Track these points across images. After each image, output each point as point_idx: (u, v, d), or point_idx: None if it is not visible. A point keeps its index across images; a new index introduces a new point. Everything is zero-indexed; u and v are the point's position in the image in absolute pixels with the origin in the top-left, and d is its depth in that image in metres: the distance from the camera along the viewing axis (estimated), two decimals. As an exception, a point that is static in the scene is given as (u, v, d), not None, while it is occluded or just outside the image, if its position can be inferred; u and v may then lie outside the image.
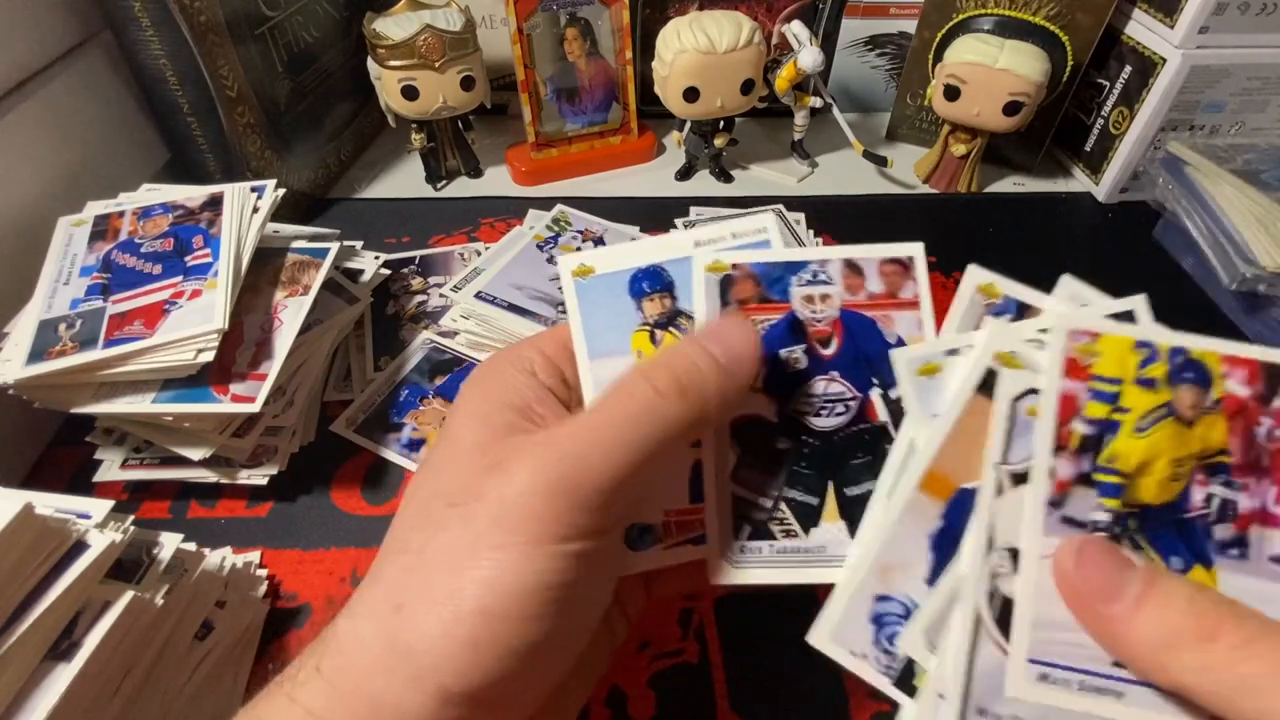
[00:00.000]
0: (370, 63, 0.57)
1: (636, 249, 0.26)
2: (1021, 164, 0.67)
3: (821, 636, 0.21)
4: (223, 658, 0.32)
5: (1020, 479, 0.20)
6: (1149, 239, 0.59)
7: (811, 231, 0.56)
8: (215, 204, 0.42)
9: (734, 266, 0.24)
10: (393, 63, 0.55)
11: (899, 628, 0.21)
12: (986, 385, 0.21)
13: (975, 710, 0.19)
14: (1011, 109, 0.56)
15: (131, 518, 0.29)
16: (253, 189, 0.43)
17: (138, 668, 0.28)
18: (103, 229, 0.41)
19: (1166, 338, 0.20)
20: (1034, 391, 0.20)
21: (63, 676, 0.25)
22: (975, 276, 0.23)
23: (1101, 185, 0.63)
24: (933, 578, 0.21)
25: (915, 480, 0.21)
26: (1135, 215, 0.61)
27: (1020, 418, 0.20)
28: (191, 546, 0.32)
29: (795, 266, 0.24)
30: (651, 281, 0.26)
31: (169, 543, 0.31)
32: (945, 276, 0.55)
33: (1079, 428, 0.20)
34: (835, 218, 0.60)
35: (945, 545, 0.21)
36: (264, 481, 0.39)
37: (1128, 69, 0.58)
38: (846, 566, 0.22)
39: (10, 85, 0.45)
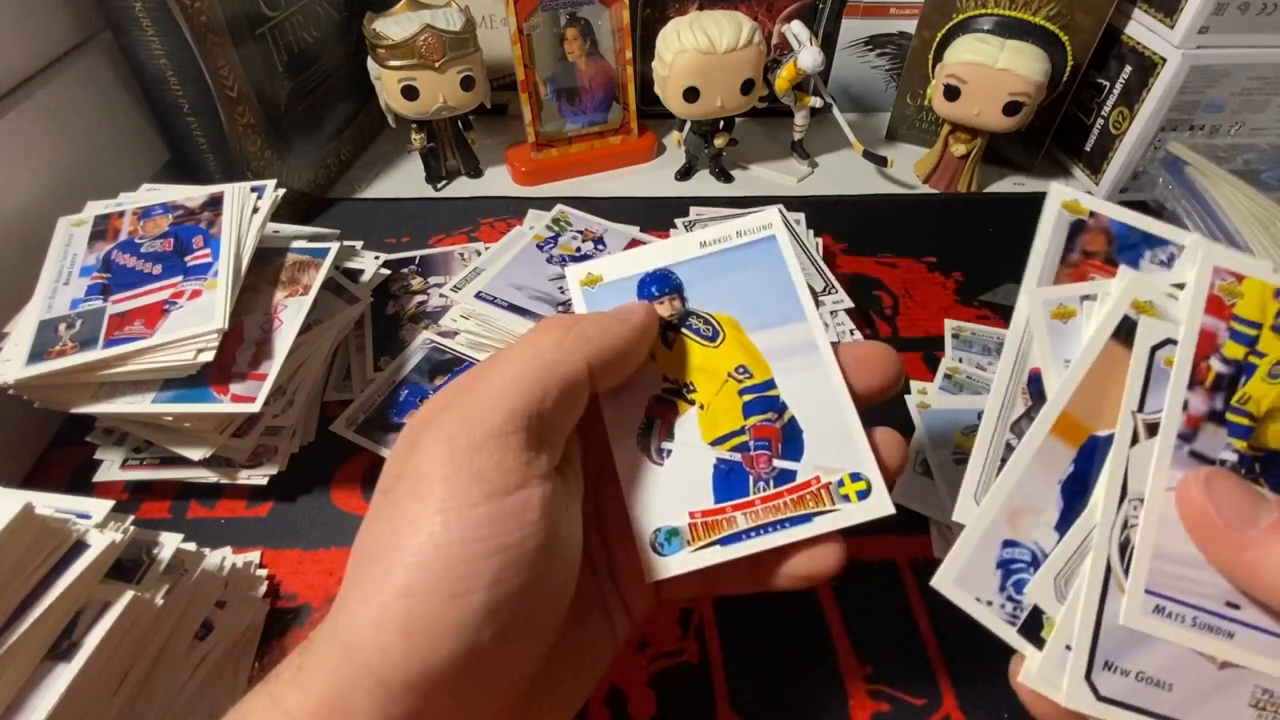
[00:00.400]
0: (370, 63, 0.57)
1: (643, 254, 0.26)
2: (1021, 164, 0.67)
3: (946, 581, 0.21)
4: (223, 658, 0.32)
5: (1155, 429, 0.20)
6: (1149, 239, 0.59)
7: (812, 231, 0.56)
8: (215, 204, 0.42)
9: (1092, 215, 0.23)
10: (393, 63, 0.55)
11: (1026, 575, 0.20)
12: (1123, 333, 0.21)
13: (1103, 664, 0.19)
14: (1011, 109, 0.56)
15: (131, 518, 0.29)
16: (253, 189, 0.43)
17: (138, 668, 0.28)
18: (103, 229, 0.41)
19: None
20: (1172, 342, 0.20)
21: (63, 676, 0.25)
22: (1059, 194, 0.23)
23: (1101, 185, 0.63)
24: (1062, 524, 0.20)
25: (1048, 424, 0.20)
26: (1135, 215, 0.61)
27: (1158, 367, 0.20)
28: (191, 546, 0.32)
29: (1156, 242, 0.22)
30: (660, 284, 0.26)
31: (169, 543, 0.31)
32: (945, 276, 0.55)
33: (1215, 365, 0.20)
34: (835, 218, 0.60)
35: (1076, 492, 0.20)
36: (264, 481, 0.39)
37: (1128, 69, 0.58)
38: (977, 510, 0.21)
39: (10, 85, 0.45)
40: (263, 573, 0.36)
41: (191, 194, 0.43)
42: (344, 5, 0.62)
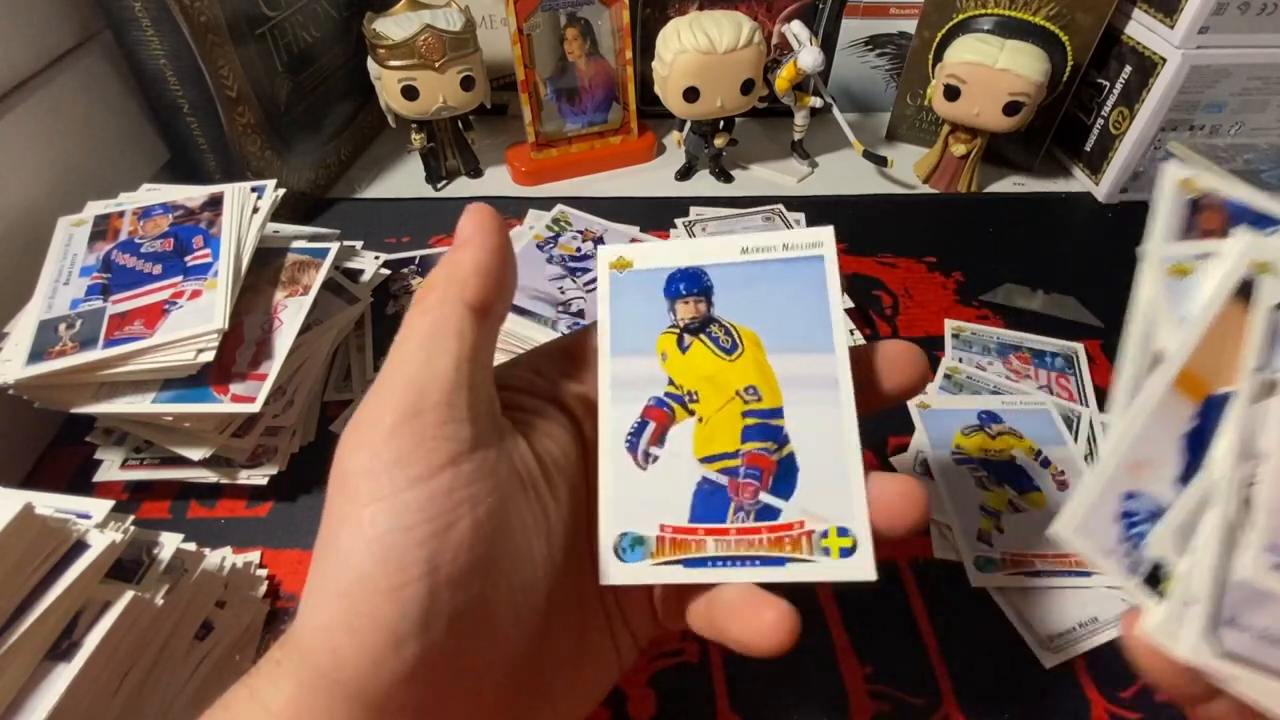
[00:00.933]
0: (370, 63, 0.57)
1: (679, 247, 0.25)
2: (1021, 164, 0.67)
3: (1067, 528, 0.20)
4: (223, 658, 0.32)
5: (1276, 387, 0.20)
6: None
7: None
8: (215, 204, 0.42)
9: (1205, 195, 0.22)
10: (393, 63, 0.55)
11: (1148, 527, 0.20)
12: (1242, 291, 0.20)
13: (1226, 620, 0.19)
14: (1011, 109, 0.56)
15: (131, 518, 0.29)
16: (253, 189, 0.43)
17: (138, 668, 0.28)
18: (103, 229, 0.41)
19: None
20: None
21: (63, 676, 0.25)
22: (1175, 173, 0.22)
23: (1101, 185, 0.63)
24: (1185, 478, 0.20)
25: (1169, 377, 0.20)
26: (1135, 215, 0.61)
27: (1277, 323, 0.20)
28: (191, 546, 0.32)
29: (1269, 222, 0.22)
30: (690, 283, 0.24)
31: (169, 543, 0.31)
32: (945, 276, 0.55)
33: None
34: (835, 218, 0.59)
35: (1198, 447, 0.20)
36: (264, 481, 0.39)
37: (1128, 69, 0.58)
38: (1098, 460, 0.21)
39: (10, 85, 0.45)
40: (263, 573, 0.36)
41: (191, 194, 0.43)
42: (344, 5, 0.62)
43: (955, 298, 0.53)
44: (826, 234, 0.24)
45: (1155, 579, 0.20)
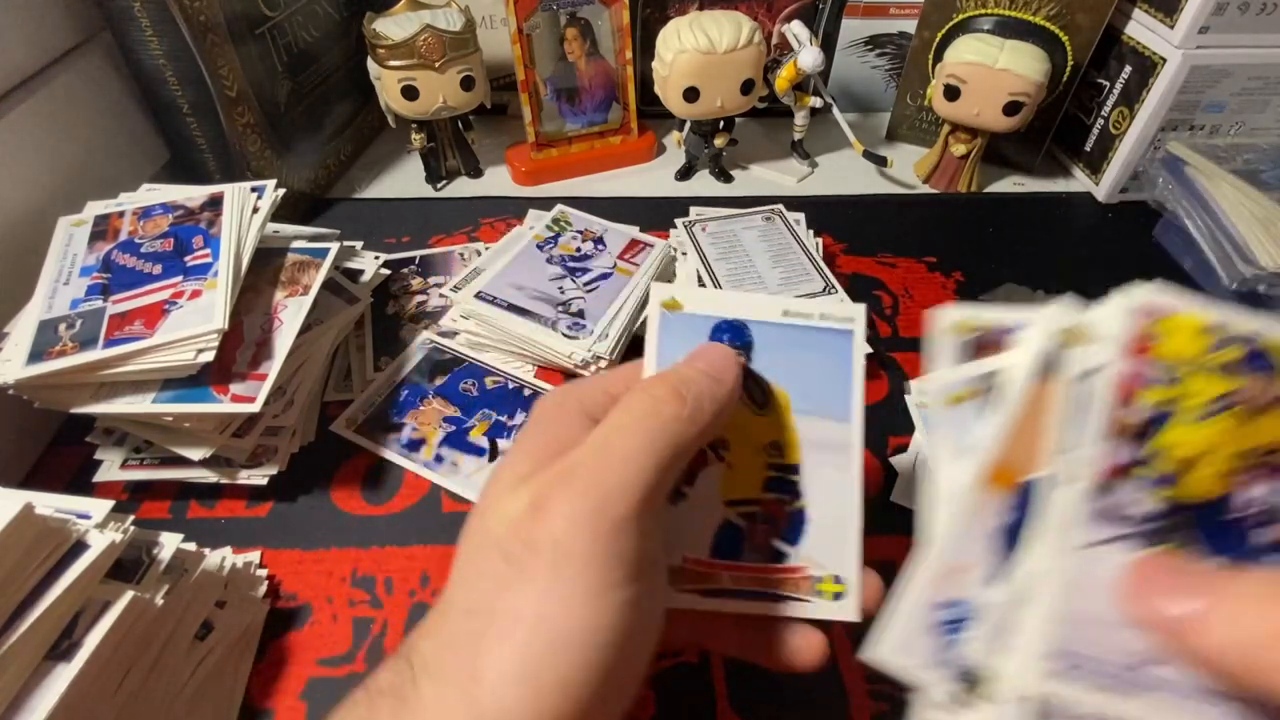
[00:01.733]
0: (370, 63, 0.57)
1: (727, 298, 0.27)
2: (1021, 164, 0.67)
3: (885, 651, 0.20)
4: (223, 658, 0.32)
5: (1081, 468, 0.18)
6: (1149, 239, 0.59)
7: (812, 231, 0.56)
8: (215, 204, 0.42)
9: (980, 333, 0.22)
10: (393, 63, 0.55)
11: (964, 633, 0.19)
12: (1046, 369, 0.19)
13: (1056, 713, 0.18)
14: (1011, 109, 0.56)
15: (131, 518, 0.29)
16: (253, 189, 0.43)
17: (138, 668, 0.28)
18: (103, 229, 0.41)
19: (1241, 322, 0.18)
20: (1094, 371, 0.19)
21: (63, 676, 0.25)
22: (944, 320, 0.22)
23: (1101, 185, 0.63)
24: (997, 576, 0.19)
25: (978, 476, 0.20)
26: (1135, 215, 0.61)
27: (1082, 399, 0.19)
28: (191, 546, 0.32)
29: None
30: (733, 335, 0.26)
31: (169, 543, 0.31)
32: (945, 276, 0.55)
33: (1133, 415, 0.18)
34: (835, 218, 0.60)
35: (1009, 542, 0.19)
36: (264, 481, 0.39)
37: (1128, 69, 0.58)
38: (910, 577, 0.20)
39: (10, 85, 0.45)
40: (263, 573, 0.36)
41: (191, 194, 0.43)
42: (344, 5, 0.62)
43: (955, 298, 0.53)
44: (859, 311, 0.27)
45: (979, 683, 0.19)
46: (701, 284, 0.50)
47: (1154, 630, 0.17)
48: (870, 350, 0.35)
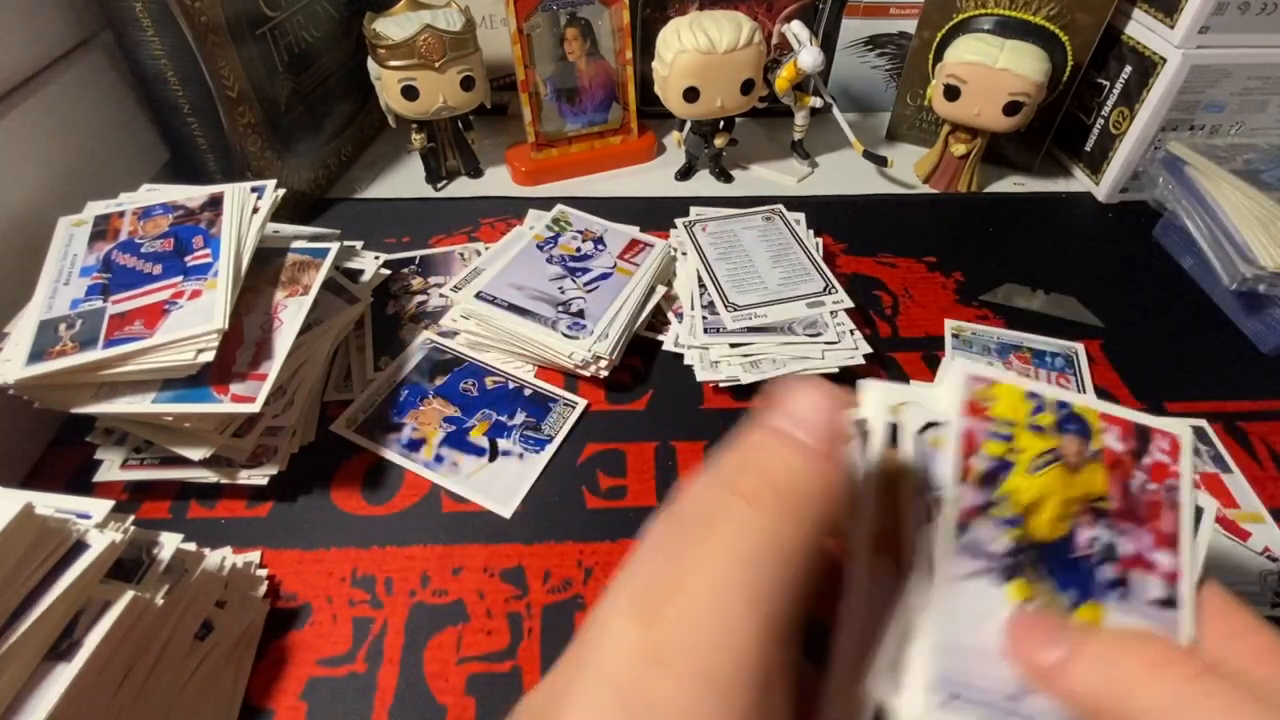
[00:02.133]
0: (370, 63, 0.57)
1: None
2: (1021, 164, 0.67)
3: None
4: (223, 658, 0.32)
5: (938, 505, 0.20)
6: (1149, 239, 0.59)
7: (812, 231, 0.56)
8: (215, 204, 0.42)
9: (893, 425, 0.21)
10: (393, 63, 0.55)
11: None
12: (891, 438, 0.21)
13: None
14: (1011, 109, 0.56)
15: (131, 518, 0.29)
16: (253, 189, 0.43)
17: (138, 668, 0.29)
18: (103, 229, 0.42)
19: (1053, 392, 0.22)
20: (934, 425, 0.21)
21: (63, 676, 0.25)
22: (870, 399, 0.22)
23: (1101, 185, 0.63)
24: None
25: (864, 546, 0.20)
26: (1135, 215, 0.61)
27: (926, 449, 0.21)
28: (191, 546, 0.32)
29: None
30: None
31: (169, 543, 0.31)
32: (945, 276, 0.55)
33: (978, 463, 0.21)
34: (835, 218, 0.60)
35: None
36: (264, 481, 0.39)
37: (1128, 69, 0.58)
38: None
39: (10, 85, 0.45)
40: (263, 573, 0.36)
41: (191, 194, 0.43)
42: (344, 5, 0.62)
43: (955, 297, 0.53)
44: (1186, 435, 0.22)
45: None
46: (701, 284, 0.50)
47: (1031, 675, 0.19)
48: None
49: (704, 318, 0.49)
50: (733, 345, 0.47)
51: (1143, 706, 0.17)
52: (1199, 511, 0.21)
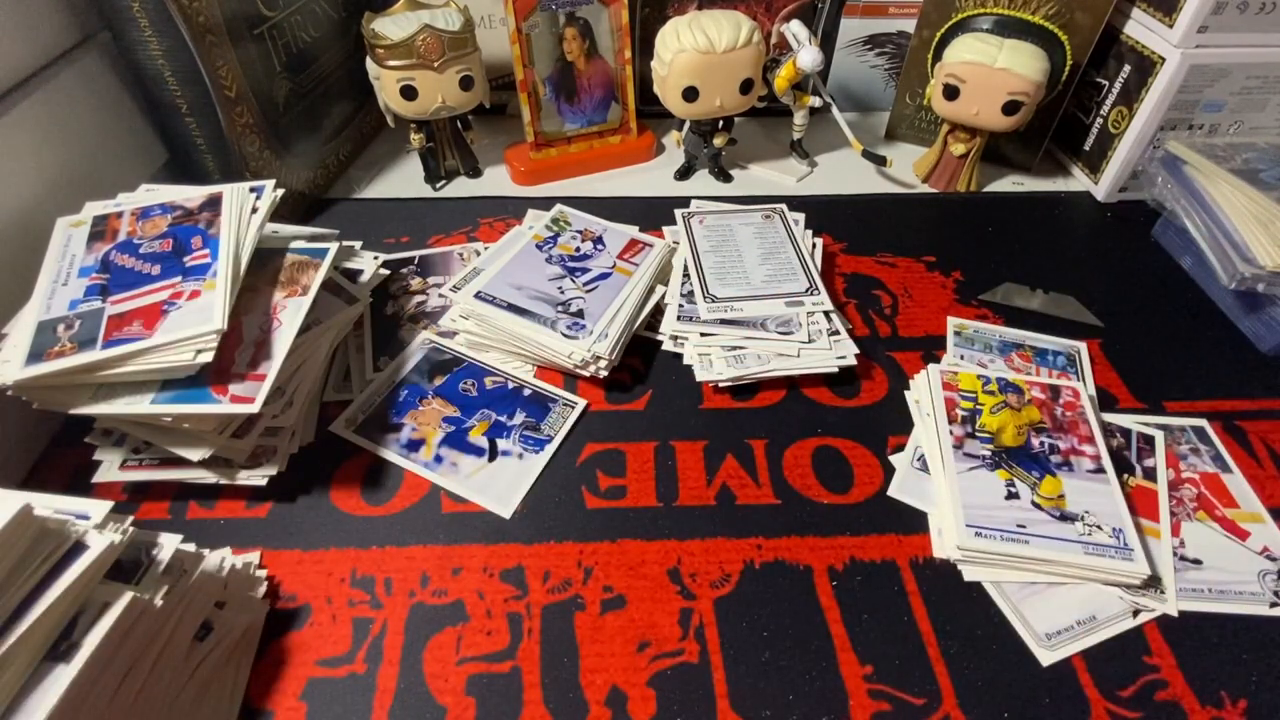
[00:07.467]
0: (369, 63, 0.57)
1: None
2: (1021, 163, 0.67)
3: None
4: (222, 658, 0.32)
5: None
6: (1148, 238, 0.59)
7: (811, 231, 0.56)
8: (214, 204, 0.42)
9: None
10: (392, 63, 0.55)
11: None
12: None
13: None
14: (1010, 108, 0.56)
15: (131, 518, 0.29)
16: (251, 189, 0.43)
17: (137, 668, 0.28)
18: (101, 230, 0.41)
19: (992, 371, 0.46)
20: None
21: (62, 677, 0.25)
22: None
23: (1101, 184, 0.63)
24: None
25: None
26: (1134, 214, 0.61)
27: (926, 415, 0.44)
28: (191, 547, 0.32)
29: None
30: None
31: (168, 543, 0.31)
32: (944, 275, 0.55)
33: (959, 412, 0.43)
34: (835, 217, 0.60)
35: None
36: (263, 482, 0.39)
37: (1127, 68, 0.58)
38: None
39: (8, 85, 0.45)
40: (262, 573, 0.36)
41: (190, 194, 0.43)
42: (343, 5, 0.62)
43: (955, 297, 0.53)
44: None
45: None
46: (686, 274, 0.51)
47: None
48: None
49: (680, 305, 0.49)
50: (702, 335, 0.47)
51: None
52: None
